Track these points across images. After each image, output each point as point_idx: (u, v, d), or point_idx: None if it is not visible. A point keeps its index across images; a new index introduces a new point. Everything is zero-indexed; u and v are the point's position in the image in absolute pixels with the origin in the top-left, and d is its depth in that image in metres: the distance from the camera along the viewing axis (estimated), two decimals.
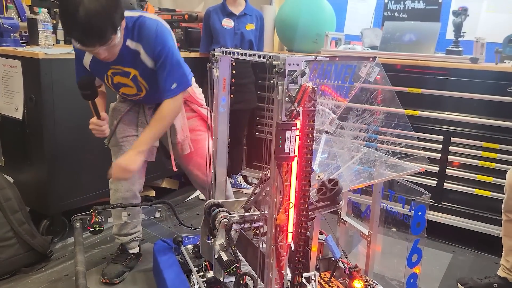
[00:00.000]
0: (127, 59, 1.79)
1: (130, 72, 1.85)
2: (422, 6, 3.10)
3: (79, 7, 1.50)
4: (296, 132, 1.29)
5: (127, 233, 2.14)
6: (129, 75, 1.86)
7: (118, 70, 1.85)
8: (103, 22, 1.55)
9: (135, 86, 1.91)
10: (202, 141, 2.12)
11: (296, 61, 1.28)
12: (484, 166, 2.46)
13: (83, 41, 1.59)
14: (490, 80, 2.38)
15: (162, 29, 1.79)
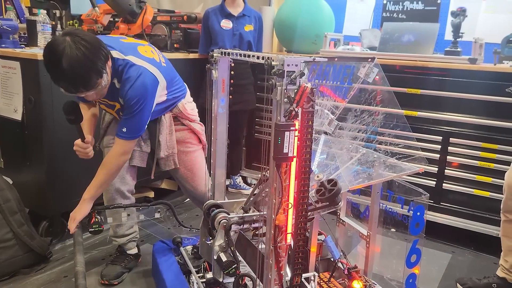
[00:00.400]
0: (113, 95, 1.83)
1: (115, 105, 1.91)
2: (420, 7, 3.11)
3: (62, 59, 1.55)
4: (295, 132, 1.30)
5: (123, 234, 2.14)
6: (114, 107, 1.93)
7: (104, 102, 1.92)
8: (86, 71, 1.60)
9: (118, 117, 1.97)
10: (190, 154, 2.13)
11: (295, 62, 1.28)
12: (483, 166, 2.46)
13: (70, 90, 1.65)
14: (489, 80, 2.39)
15: (142, 79, 1.78)
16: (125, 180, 2.06)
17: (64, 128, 2.26)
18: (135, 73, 1.78)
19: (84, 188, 2.41)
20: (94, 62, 1.61)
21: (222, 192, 1.96)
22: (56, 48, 1.56)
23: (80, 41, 1.58)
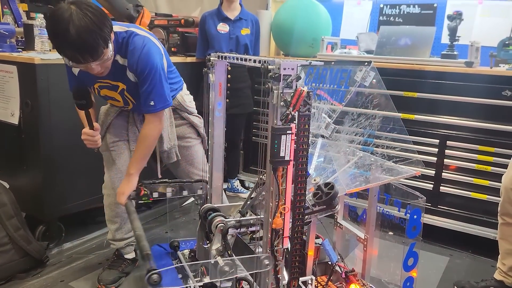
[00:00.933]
0: (115, 73, 1.79)
1: (118, 86, 1.86)
2: (417, 10, 3.12)
3: (69, 26, 1.50)
4: (292, 136, 1.30)
5: (122, 238, 2.13)
6: (117, 88, 1.87)
7: (106, 83, 1.86)
8: (94, 38, 1.55)
9: (122, 99, 1.93)
10: (191, 148, 2.14)
11: (291, 65, 1.28)
12: (480, 169, 2.46)
13: (76, 59, 1.59)
14: (485, 83, 2.39)
15: (148, 47, 1.77)
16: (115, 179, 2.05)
17: (61, 132, 2.26)
18: (141, 41, 1.76)
19: (81, 191, 2.42)
20: (101, 29, 1.56)
21: (219, 196, 1.96)
22: (62, 15, 1.51)
23: (87, 8, 1.54)
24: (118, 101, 1.95)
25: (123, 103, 1.95)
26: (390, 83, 2.53)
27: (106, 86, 1.87)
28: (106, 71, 1.74)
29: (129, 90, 1.87)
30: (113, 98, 1.94)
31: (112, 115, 2.05)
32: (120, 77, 1.82)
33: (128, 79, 1.83)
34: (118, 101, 1.95)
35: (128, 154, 2.06)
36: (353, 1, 3.39)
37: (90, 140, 1.86)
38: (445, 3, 3.03)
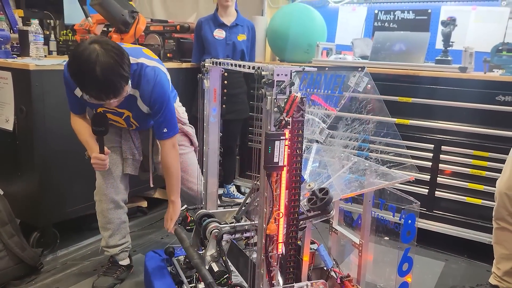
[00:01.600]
0: (124, 102, 1.79)
1: (124, 113, 1.92)
2: (411, 16, 3.14)
3: (96, 66, 1.53)
4: (285, 142, 1.30)
5: (115, 245, 2.12)
6: (123, 115, 1.93)
7: (111, 110, 1.88)
8: (118, 78, 1.60)
9: (126, 124, 1.99)
10: (184, 156, 2.16)
11: (285, 71, 1.29)
12: (474, 174, 2.47)
13: (100, 97, 1.63)
14: (479, 89, 2.41)
15: (160, 77, 1.84)
16: (119, 189, 2.06)
17: (55, 138, 2.26)
18: (152, 73, 1.82)
19: (76, 198, 2.41)
20: (123, 68, 1.61)
21: (214, 202, 1.96)
22: (88, 56, 1.53)
23: (110, 49, 1.58)
24: (122, 124, 2.00)
25: (126, 125, 2.01)
26: (385, 88, 2.57)
27: (112, 112, 1.91)
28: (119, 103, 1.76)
29: (135, 117, 1.94)
30: (117, 122, 1.99)
31: None
32: (128, 106, 1.87)
33: (138, 108, 1.89)
34: (122, 124, 2.00)
35: (120, 160, 2.06)
36: (348, 7, 3.41)
37: (100, 164, 1.86)
38: (439, 9, 3.05)
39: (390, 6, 3.24)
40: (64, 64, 2.22)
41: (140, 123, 2.00)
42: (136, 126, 2.03)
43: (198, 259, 1.64)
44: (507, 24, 2.82)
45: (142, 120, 1.98)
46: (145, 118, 1.96)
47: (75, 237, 2.59)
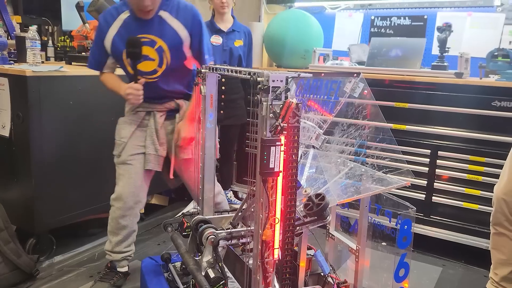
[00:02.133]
0: (156, 28, 1.93)
1: (157, 41, 1.95)
2: (407, 22, 3.16)
3: None
4: (281, 147, 1.30)
5: (120, 251, 2.11)
6: (155, 44, 1.95)
7: (146, 39, 1.93)
8: None
9: (158, 57, 1.97)
10: None
11: (280, 77, 1.29)
12: (471, 179, 2.48)
13: None
14: (475, 94, 2.42)
15: (196, 10, 2.02)
16: (139, 198, 2.08)
17: (52, 144, 2.26)
18: (190, 5, 2.02)
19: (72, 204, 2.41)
20: None
21: (210, 207, 1.95)
22: None
23: None
24: (153, 61, 1.97)
25: (157, 63, 1.98)
26: (381, 94, 2.58)
27: (145, 42, 1.93)
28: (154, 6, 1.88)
29: (170, 46, 1.96)
30: (148, 57, 1.96)
31: (134, 125, 2.08)
32: (160, 32, 1.95)
33: (173, 35, 1.95)
34: (153, 61, 1.97)
35: (141, 168, 2.06)
36: (344, 13, 3.43)
37: (135, 94, 1.91)
38: (435, 15, 3.08)
39: (386, 12, 3.26)
40: (61, 69, 2.24)
41: (172, 57, 1.98)
42: (166, 66, 1.99)
43: (194, 265, 1.64)
44: (502, 30, 2.84)
45: (175, 52, 1.98)
46: (178, 50, 1.98)
47: (71, 244, 2.58)
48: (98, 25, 2.00)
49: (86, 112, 2.41)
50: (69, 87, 2.31)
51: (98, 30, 2.00)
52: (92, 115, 2.45)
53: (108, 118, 2.55)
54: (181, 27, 1.96)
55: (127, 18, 1.95)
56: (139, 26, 1.93)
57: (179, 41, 1.97)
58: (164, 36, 1.95)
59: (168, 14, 1.95)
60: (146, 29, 1.93)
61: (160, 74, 2.01)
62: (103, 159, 2.54)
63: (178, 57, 2.00)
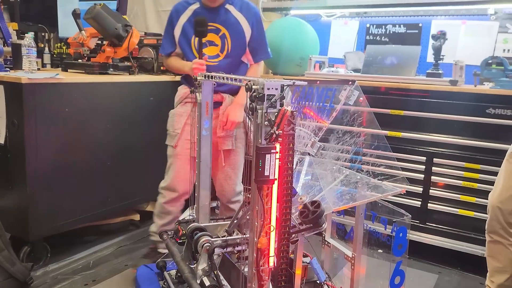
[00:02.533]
0: (222, 18, 2.23)
1: (221, 29, 2.23)
2: (403, 30, 3.18)
3: None
4: (276, 155, 1.31)
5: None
6: (219, 32, 2.24)
7: (211, 27, 2.20)
8: None
9: (220, 43, 2.25)
10: (237, 154, 2.33)
11: (275, 85, 1.30)
12: (466, 186, 2.48)
13: None
14: (470, 101, 2.43)
15: (257, 8, 2.32)
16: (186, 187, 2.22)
17: (47, 152, 2.25)
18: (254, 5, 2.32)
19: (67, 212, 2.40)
20: None
21: (206, 215, 1.95)
22: None
23: None
24: (216, 46, 2.26)
25: (220, 48, 2.26)
26: (377, 101, 2.60)
27: (210, 30, 2.19)
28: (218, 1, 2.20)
29: (232, 35, 2.24)
30: (213, 43, 2.25)
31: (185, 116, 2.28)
32: (225, 23, 2.23)
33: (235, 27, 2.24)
34: (216, 46, 2.26)
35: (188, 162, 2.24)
36: (340, 21, 3.45)
37: (201, 68, 2.11)
38: (430, 23, 3.10)
39: (381, 20, 3.28)
40: (56, 76, 2.24)
41: (233, 44, 2.25)
42: (227, 52, 2.26)
43: (190, 273, 1.63)
44: (496, 38, 2.87)
45: (235, 41, 2.25)
46: (238, 39, 2.25)
47: (66, 251, 2.56)
48: (169, 16, 2.31)
49: (82, 119, 2.41)
50: (64, 94, 2.31)
51: (169, 19, 2.31)
52: (87, 122, 2.45)
53: (104, 125, 2.56)
54: (243, 20, 2.24)
55: (197, 9, 2.24)
56: (207, 15, 2.17)
57: (241, 31, 2.25)
58: (228, 25, 2.23)
59: (233, 8, 2.24)
60: (213, 18, 2.20)
61: (221, 58, 2.28)
62: (98, 166, 2.54)
63: (238, 46, 2.27)
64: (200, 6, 2.25)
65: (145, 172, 2.84)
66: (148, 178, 2.89)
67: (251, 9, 2.28)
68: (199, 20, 2.09)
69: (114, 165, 2.64)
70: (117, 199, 2.71)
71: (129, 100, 2.69)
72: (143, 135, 2.80)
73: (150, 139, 2.84)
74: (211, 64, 2.23)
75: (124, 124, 2.66)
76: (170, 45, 2.34)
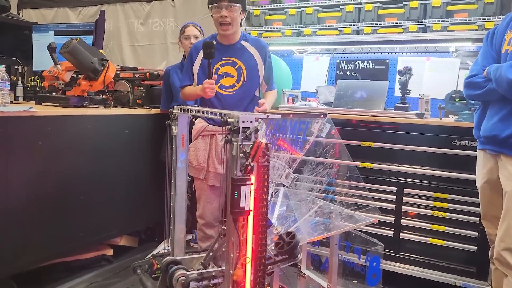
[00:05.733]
0: (238, 52, 2.45)
1: (237, 63, 2.45)
2: (371, 66, 3.33)
3: None
4: (251, 186, 1.33)
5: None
6: (236, 64, 2.45)
7: (228, 60, 2.44)
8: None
9: (236, 75, 2.45)
10: None
11: (250, 118, 1.34)
12: (436, 215, 2.55)
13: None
14: (437, 133, 2.54)
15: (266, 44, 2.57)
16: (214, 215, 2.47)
17: (17, 185, 2.20)
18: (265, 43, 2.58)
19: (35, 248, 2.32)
20: None
21: (181, 248, 1.93)
22: None
23: None
24: (233, 77, 2.45)
25: (236, 79, 2.45)
26: (348, 133, 2.68)
27: (228, 63, 2.44)
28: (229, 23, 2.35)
29: (247, 67, 2.46)
30: (229, 74, 2.45)
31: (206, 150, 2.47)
32: (242, 57, 2.45)
33: (251, 60, 2.46)
34: (233, 77, 2.45)
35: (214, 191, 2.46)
36: (312, 57, 3.58)
37: (211, 89, 2.30)
38: (396, 59, 3.26)
39: (351, 56, 3.43)
40: (30, 109, 2.22)
41: (248, 75, 2.45)
42: (243, 82, 2.45)
43: None
44: (458, 73, 3.03)
45: (250, 72, 2.46)
46: (253, 70, 2.46)
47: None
48: (189, 52, 2.55)
49: (55, 152, 2.38)
50: (38, 127, 2.29)
51: (189, 56, 2.54)
52: (61, 154, 2.42)
53: (78, 157, 2.53)
54: (257, 54, 2.48)
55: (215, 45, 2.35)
56: (224, 51, 2.44)
57: (255, 64, 2.48)
58: (243, 58, 2.46)
59: (248, 44, 2.48)
60: (230, 53, 2.44)
61: (237, 88, 2.46)
62: (70, 200, 2.50)
63: (252, 77, 2.47)
64: (217, 43, 2.44)
65: (119, 205, 2.80)
66: (122, 211, 2.86)
67: (263, 46, 2.52)
68: (207, 43, 2.26)
69: (87, 199, 2.59)
70: (89, 233, 2.65)
71: (104, 133, 2.69)
72: (118, 167, 2.78)
73: (125, 171, 2.82)
74: (227, 93, 2.44)
75: (98, 156, 2.64)
76: (188, 79, 2.53)
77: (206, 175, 2.45)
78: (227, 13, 2.33)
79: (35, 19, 5.12)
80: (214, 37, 2.51)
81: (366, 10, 3.07)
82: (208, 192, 2.47)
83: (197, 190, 2.53)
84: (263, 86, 2.58)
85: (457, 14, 2.83)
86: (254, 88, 2.52)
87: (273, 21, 3.45)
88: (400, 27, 2.98)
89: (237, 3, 2.35)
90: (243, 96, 2.47)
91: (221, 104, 2.43)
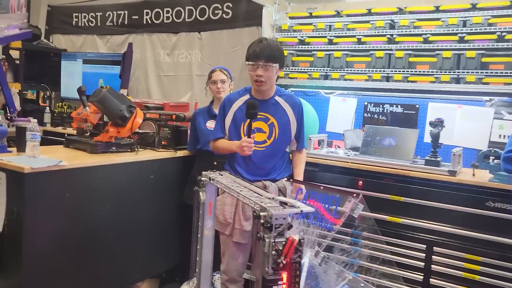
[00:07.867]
0: (271, 108, 2.42)
1: (270, 118, 2.43)
2: (400, 110, 3.25)
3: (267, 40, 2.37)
4: (283, 286, 1.30)
5: None
6: (268, 120, 2.43)
7: (261, 116, 2.38)
8: (276, 51, 2.33)
9: (268, 131, 2.43)
10: None
11: (283, 215, 1.31)
12: (467, 277, 2.46)
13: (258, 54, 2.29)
14: (469, 193, 2.45)
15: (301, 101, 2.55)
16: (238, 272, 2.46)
17: (45, 241, 2.22)
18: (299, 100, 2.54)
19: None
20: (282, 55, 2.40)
21: None
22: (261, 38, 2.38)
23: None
24: (264, 132, 2.44)
25: (267, 135, 2.43)
26: (376, 185, 2.62)
27: (260, 119, 2.39)
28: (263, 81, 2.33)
29: (280, 123, 2.44)
30: (261, 130, 2.43)
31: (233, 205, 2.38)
32: (274, 113, 2.43)
33: (283, 117, 2.44)
34: (264, 132, 2.44)
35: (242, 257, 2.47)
36: (338, 98, 3.53)
37: (249, 147, 2.29)
38: (426, 103, 3.17)
39: (379, 99, 3.35)
40: (60, 164, 2.24)
41: (280, 131, 2.43)
42: (274, 139, 2.43)
43: None
44: (492, 123, 2.93)
45: (282, 128, 2.43)
46: (285, 127, 2.44)
47: None
48: (222, 104, 2.53)
49: (81, 203, 2.40)
50: (66, 179, 2.31)
51: (221, 107, 2.52)
52: (86, 204, 2.43)
53: (103, 206, 2.54)
54: (290, 112, 2.45)
55: (248, 99, 2.41)
56: None
57: (287, 121, 2.45)
58: (276, 115, 2.43)
59: (282, 100, 2.45)
60: (263, 108, 2.38)
61: (267, 144, 2.43)
62: (95, 248, 2.50)
63: (284, 134, 2.45)
64: (250, 97, 2.43)
65: (142, 249, 2.80)
66: (145, 254, 2.85)
67: (297, 103, 2.49)
68: (251, 103, 2.25)
69: (111, 245, 2.60)
70: (113, 280, 2.66)
71: (130, 180, 2.69)
72: (141, 212, 2.78)
73: (148, 215, 2.82)
74: (258, 149, 2.41)
75: (123, 203, 2.65)
76: (221, 131, 2.52)
77: (231, 232, 2.39)
78: (263, 72, 2.30)
79: (65, 45, 5.22)
80: (248, 91, 2.49)
81: (397, 57, 3.01)
82: (233, 248, 2.43)
83: (222, 244, 2.47)
84: (293, 143, 2.55)
85: (493, 65, 2.75)
86: (285, 145, 2.50)
87: (300, 62, 3.42)
88: (432, 76, 2.91)
89: (275, 63, 2.32)
90: (273, 152, 2.45)
91: (250, 159, 2.42)
